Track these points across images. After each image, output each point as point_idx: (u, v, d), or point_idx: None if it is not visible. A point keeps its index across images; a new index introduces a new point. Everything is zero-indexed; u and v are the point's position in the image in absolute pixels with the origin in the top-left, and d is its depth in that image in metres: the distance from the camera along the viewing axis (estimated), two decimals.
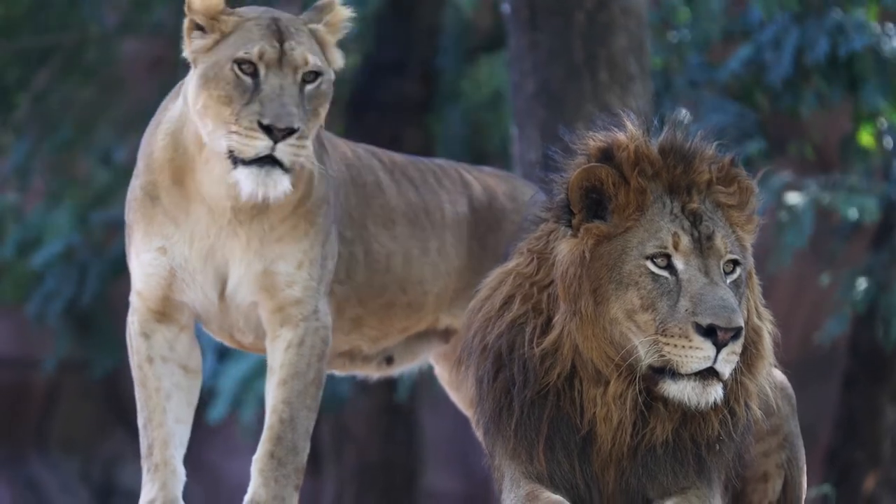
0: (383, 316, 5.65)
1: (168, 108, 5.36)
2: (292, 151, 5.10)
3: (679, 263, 4.63)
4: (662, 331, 4.57)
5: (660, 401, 4.67)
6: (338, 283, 5.51)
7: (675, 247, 4.63)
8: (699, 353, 4.55)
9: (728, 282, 4.64)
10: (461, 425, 6.93)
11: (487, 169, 6.13)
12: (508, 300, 4.81)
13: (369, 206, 5.64)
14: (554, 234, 4.77)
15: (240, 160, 5.11)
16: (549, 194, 4.86)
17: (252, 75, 5.15)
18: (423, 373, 6.21)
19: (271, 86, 5.13)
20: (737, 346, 4.57)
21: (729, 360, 4.57)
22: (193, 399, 5.44)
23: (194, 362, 5.44)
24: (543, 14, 7.21)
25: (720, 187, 4.74)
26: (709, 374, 4.58)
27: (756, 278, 4.86)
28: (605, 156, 4.73)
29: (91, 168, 11.96)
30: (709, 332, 4.54)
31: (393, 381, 10.47)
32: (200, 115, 5.18)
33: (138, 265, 5.36)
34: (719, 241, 4.66)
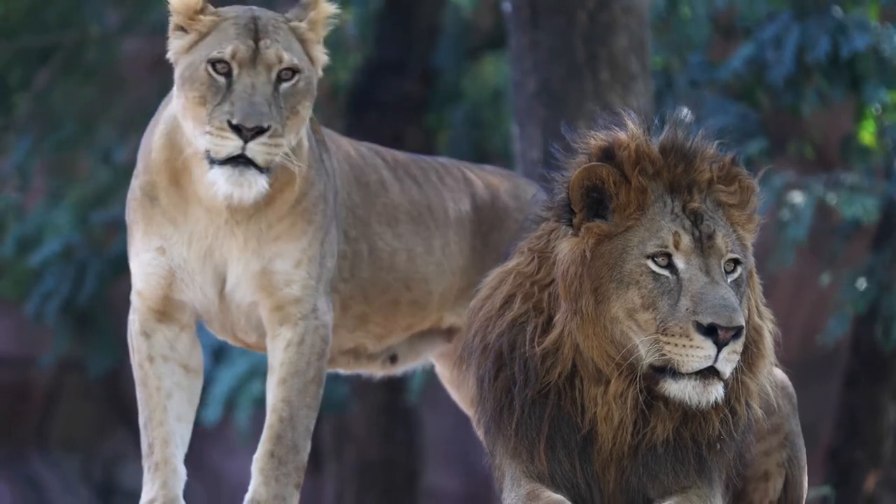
0: (388, 313, 5.65)
1: (166, 109, 5.35)
2: (265, 150, 5.07)
3: (680, 262, 4.62)
4: (663, 330, 4.57)
5: (661, 400, 4.67)
6: (342, 281, 5.50)
7: (676, 246, 4.62)
8: (700, 353, 4.55)
9: (729, 281, 4.64)
10: (462, 424, 6.92)
11: (490, 167, 6.13)
12: (509, 299, 4.81)
13: (373, 205, 5.63)
14: (555, 233, 4.76)
15: (215, 160, 5.10)
16: (550, 193, 4.86)
17: (226, 75, 5.13)
18: (428, 373, 6.21)
19: (243, 85, 5.10)
20: (738, 346, 4.57)
21: (730, 359, 4.57)
22: (195, 398, 5.44)
23: (195, 362, 5.44)
24: (545, 13, 7.21)
25: (721, 186, 4.74)
26: (710, 373, 4.58)
27: (757, 277, 4.86)
28: (607, 155, 4.72)
29: (91, 167, 11.94)
30: (710, 331, 4.53)
31: (398, 381, 10.45)
32: (182, 116, 5.18)
33: (138, 265, 5.36)
34: (720, 241, 4.65)
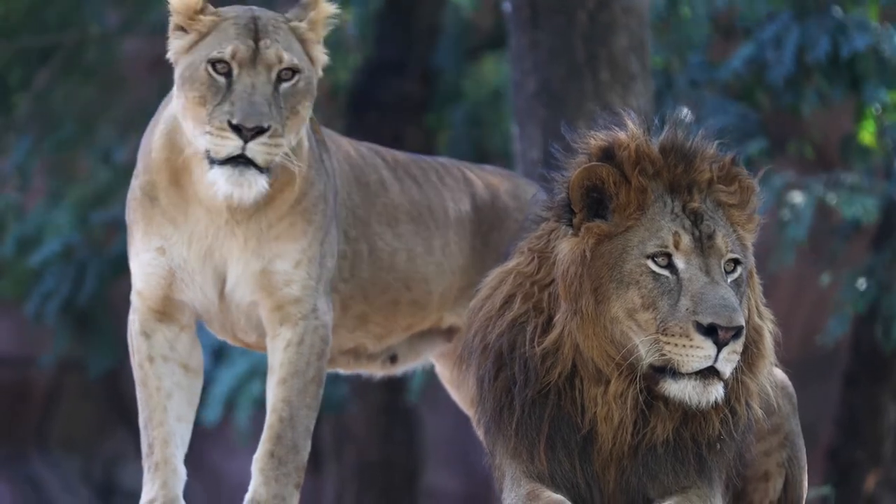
0: (388, 313, 5.65)
1: (165, 109, 5.35)
2: (265, 150, 5.07)
3: (680, 262, 4.62)
4: (663, 330, 4.57)
5: (661, 400, 4.66)
6: (342, 281, 5.50)
7: (676, 246, 4.62)
8: (700, 353, 4.55)
9: (729, 281, 4.64)
10: (462, 424, 6.92)
11: (490, 167, 6.13)
12: (509, 299, 4.81)
13: (373, 205, 5.63)
14: (555, 233, 4.76)
15: (215, 161, 5.10)
16: (550, 193, 4.86)
17: (226, 75, 5.13)
18: (428, 373, 6.20)
19: (243, 85, 5.10)
20: (738, 346, 4.57)
21: (730, 359, 4.57)
22: (195, 398, 5.43)
23: (195, 362, 5.44)
24: (545, 13, 7.20)
25: (721, 186, 4.74)
26: (710, 373, 4.57)
27: (757, 277, 4.86)
28: (606, 155, 4.72)
29: (91, 167, 11.94)
30: (710, 331, 4.53)
31: (398, 381, 10.45)
32: (182, 117, 5.18)
33: (138, 265, 5.36)
34: (720, 241, 4.65)
